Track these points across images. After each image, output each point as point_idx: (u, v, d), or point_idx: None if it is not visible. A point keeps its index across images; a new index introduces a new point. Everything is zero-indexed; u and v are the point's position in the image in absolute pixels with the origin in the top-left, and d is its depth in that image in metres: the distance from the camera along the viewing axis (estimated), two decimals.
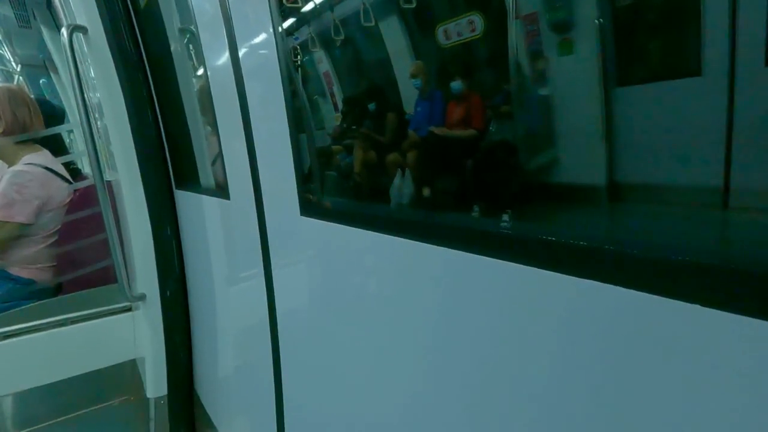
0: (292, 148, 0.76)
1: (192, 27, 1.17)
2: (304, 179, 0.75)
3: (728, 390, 0.30)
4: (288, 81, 0.75)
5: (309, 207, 0.74)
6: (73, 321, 1.77)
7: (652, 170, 0.45)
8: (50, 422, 1.78)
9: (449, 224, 0.53)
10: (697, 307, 0.30)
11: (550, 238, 0.40)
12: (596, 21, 0.54)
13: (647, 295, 0.33)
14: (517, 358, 0.45)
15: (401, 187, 0.67)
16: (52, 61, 3.63)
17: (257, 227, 0.94)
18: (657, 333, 0.33)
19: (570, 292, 0.38)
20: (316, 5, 0.77)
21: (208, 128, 1.36)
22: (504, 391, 0.47)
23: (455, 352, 0.52)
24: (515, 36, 0.55)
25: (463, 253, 0.48)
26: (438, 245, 0.51)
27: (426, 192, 0.64)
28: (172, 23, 1.39)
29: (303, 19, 0.78)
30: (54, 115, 2.09)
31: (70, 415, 1.81)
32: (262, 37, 0.80)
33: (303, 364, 0.89)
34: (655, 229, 0.42)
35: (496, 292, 0.46)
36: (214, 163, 1.27)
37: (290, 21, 0.76)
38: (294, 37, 0.77)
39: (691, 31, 0.42)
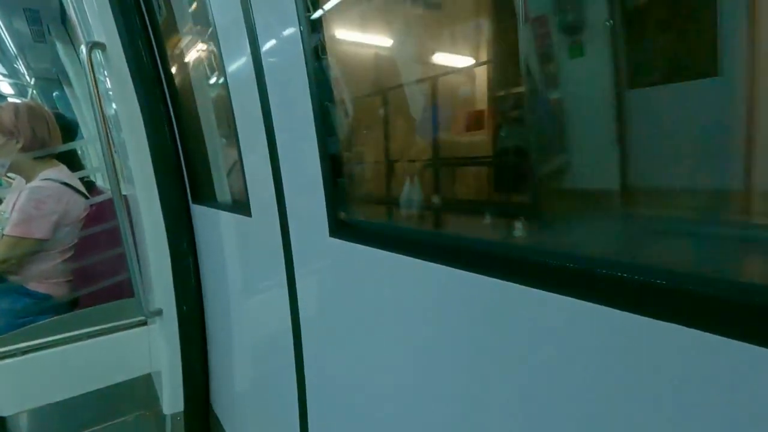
0: (321, 163, 0.74)
1: (210, 38, 1.17)
2: (334, 197, 0.73)
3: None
4: (317, 93, 0.73)
5: (340, 228, 0.72)
6: (90, 335, 1.77)
7: (666, 174, 0.43)
8: None
9: (489, 252, 0.51)
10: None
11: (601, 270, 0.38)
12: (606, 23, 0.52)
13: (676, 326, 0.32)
14: (552, 387, 0.43)
15: (415, 198, 0.64)
16: (65, 74, 3.68)
17: (281, 247, 0.91)
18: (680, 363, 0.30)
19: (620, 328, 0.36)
20: (345, 16, 0.75)
21: (227, 142, 1.35)
22: (531, 412, 0.44)
23: (491, 387, 0.50)
24: (525, 39, 0.54)
25: (503, 282, 0.46)
26: (482, 274, 0.49)
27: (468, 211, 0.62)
28: (190, 37, 1.39)
29: (331, 30, 0.76)
30: (68, 128, 2.09)
31: (86, 431, 1.80)
32: (287, 43, 0.77)
33: (329, 387, 0.86)
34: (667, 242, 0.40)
35: (533, 324, 0.44)
36: (233, 178, 1.26)
37: (318, 31, 0.74)
38: (322, 52, 0.75)
39: (707, 31, 0.40)
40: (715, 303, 0.31)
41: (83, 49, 1.29)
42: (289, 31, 0.75)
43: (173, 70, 1.46)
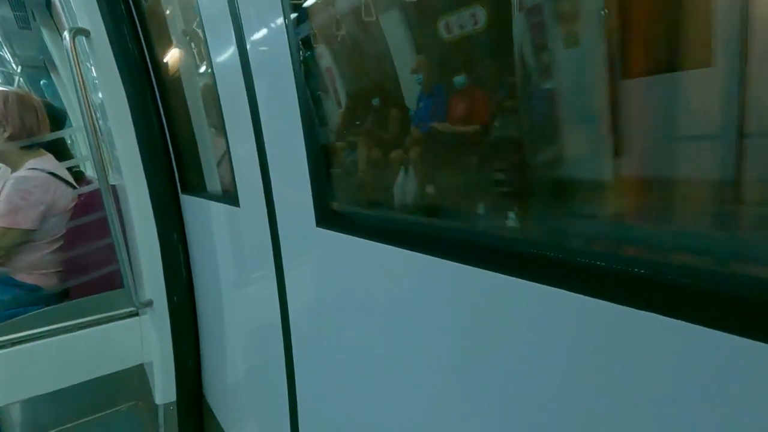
0: (308, 153, 0.73)
1: (197, 27, 1.14)
2: (320, 187, 0.72)
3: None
4: (302, 81, 0.72)
5: (326, 218, 0.71)
6: (80, 327, 1.76)
7: (659, 164, 0.43)
8: (59, 429, 1.77)
9: (477, 242, 0.50)
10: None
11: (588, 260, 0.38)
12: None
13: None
14: (535, 376, 0.43)
15: (404, 189, 0.64)
16: (52, 62, 3.61)
17: (269, 237, 0.91)
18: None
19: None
20: (331, 3, 0.74)
21: (215, 131, 1.33)
22: (516, 400, 0.45)
23: (477, 374, 0.50)
24: (519, 29, 0.53)
25: (483, 270, 0.47)
26: (468, 264, 0.49)
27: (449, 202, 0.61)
28: (175, 24, 1.36)
29: (315, 14, 0.75)
30: (56, 117, 2.06)
31: (78, 421, 1.80)
32: (272, 34, 0.76)
33: (317, 375, 0.86)
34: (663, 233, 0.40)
35: (518, 314, 0.44)
36: (222, 167, 1.25)
37: (304, 21, 0.73)
38: (306, 34, 0.74)
39: (702, 21, 0.40)
40: (695, 293, 0.31)
41: (66, 35, 1.26)
42: (274, 21, 0.74)
43: (160, 57, 1.44)
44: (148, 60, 1.44)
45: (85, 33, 1.33)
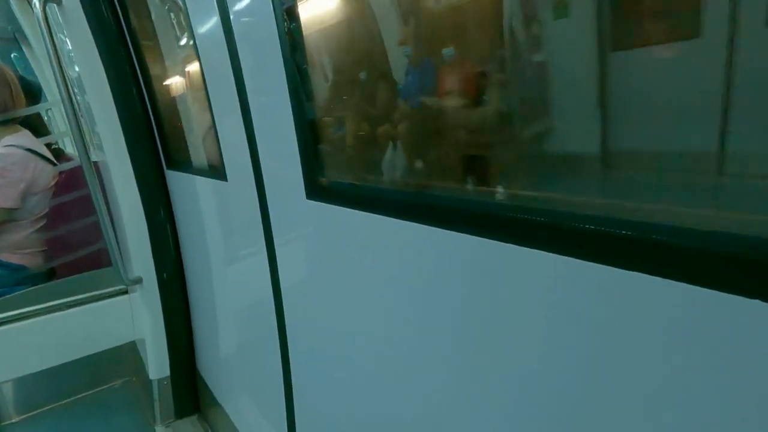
0: (296, 124, 0.72)
1: None
2: (309, 159, 0.71)
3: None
4: (288, 48, 0.70)
5: (316, 190, 0.71)
6: (69, 305, 1.75)
7: (648, 137, 0.43)
8: (53, 405, 1.78)
9: (462, 208, 0.51)
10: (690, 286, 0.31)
11: (575, 223, 0.38)
12: None
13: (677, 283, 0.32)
14: (526, 346, 0.44)
15: (394, 161, 0.64)
16: (23, 33, 3.43)
17: (259, 211, 0.90)
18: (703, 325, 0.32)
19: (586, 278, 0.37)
20: None
21: (200, 104, 1.29)
22: (513, 378, 0.47)
23: (462, 336, 0.52)
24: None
25: (472, 237, 0.47)
26: (457, 231, 0.49)
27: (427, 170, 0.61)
28: None
29: None
30: (30, 92, 1.98)
31: (73, 398, 1.82)
32: (258, 4, 0.74)
33: (310, 343, 0.88)
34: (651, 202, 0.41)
35: (505, 277, 0.45)
36: (208, 142, 1.22)
37: None
38: (293, 11, 0.72)
39: None
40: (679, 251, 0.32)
41: (36, 3, 1.20)
42: None
43: (138, 26, 1.38)
44: (125, 29, 1.38)
45: (57, 1, 1.26)
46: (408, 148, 0.61)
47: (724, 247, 0.30)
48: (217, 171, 1.09)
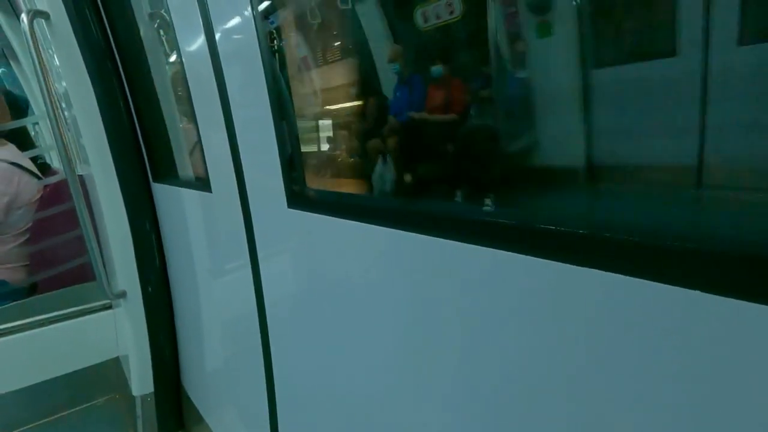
0: (277, 137, 0.74)
1: (163, 11, 1.12)
2: (290, 170, 0.73)
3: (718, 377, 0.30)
4: (270, 65, 0.72)
5: (297, 199, 0.72)
6: (52, 321, 1.72)
7: (630, 151, 0.45)
8: (34, 424, 1.73)
9: (440, 213, 0.52)
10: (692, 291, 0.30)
11: (545, 225, 0.40)
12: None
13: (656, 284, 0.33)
14: (507, 348, 0.45)
15: (384, 173, 0.66)
16: (10, 48, 3.43)
17: (242, 221, 0.91)
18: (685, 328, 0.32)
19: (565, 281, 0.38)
20: None
21: (186, 118, 1.31)
22: (494, 381, 0.47)
23: (443, 341, 0.52)
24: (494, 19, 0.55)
25: (451, 241, 0.48)
26: (433, 236, 0.51)
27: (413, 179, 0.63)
28: (141, 7, 1.32)
29: (284, 6, 0.75)
30: (17, 106, 1.98)
31: (55, 416, 1.77)
32: (240, 18, 0.76)
33: (294, 354, 0.88)
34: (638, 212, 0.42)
35: (486, 281, 0.46)
36: (193, 154, 1.23)
37: (271, 8, 0.73)
38: (272, 19, 0.74)
39: (666, 12, 0.42)
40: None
41: (24, 18, 1.21)
42: (242, 6, 0.74)
43: (125, 42, 1.39)
44: (113, 44, 1.39)
45: (45, 15, 1.28)
46: (376, 157, 0.63)
47: (705, 249, 0.30)
48: (202, 182, 1.10)
